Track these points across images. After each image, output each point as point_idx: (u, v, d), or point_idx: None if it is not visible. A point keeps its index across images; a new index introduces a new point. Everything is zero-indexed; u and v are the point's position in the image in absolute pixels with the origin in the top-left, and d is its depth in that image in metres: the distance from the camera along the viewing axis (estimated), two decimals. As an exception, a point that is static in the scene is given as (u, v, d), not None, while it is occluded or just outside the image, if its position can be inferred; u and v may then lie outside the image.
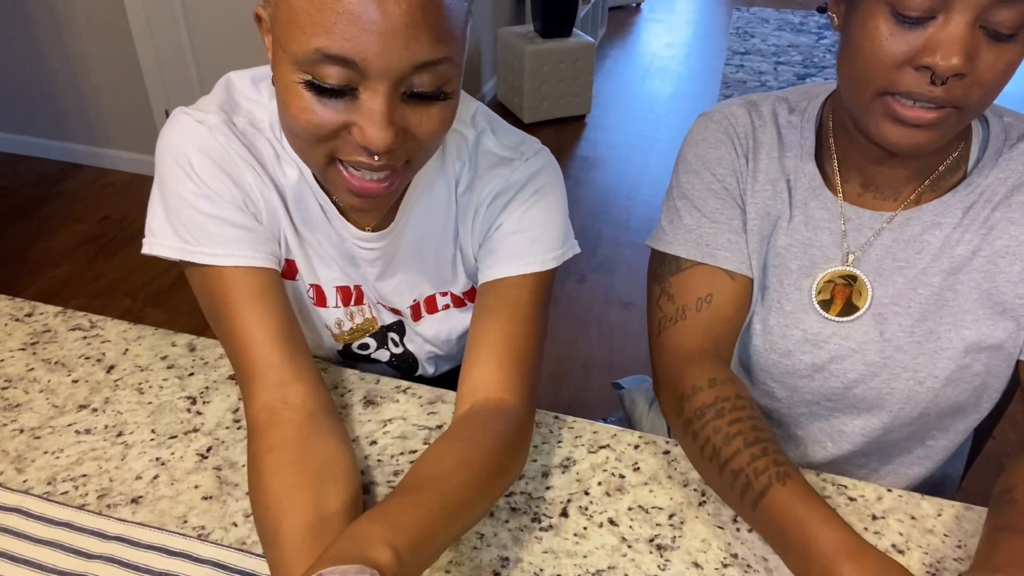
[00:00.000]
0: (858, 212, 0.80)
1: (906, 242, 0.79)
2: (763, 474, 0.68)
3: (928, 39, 0.65)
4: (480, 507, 0.66)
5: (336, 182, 0.68)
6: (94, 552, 0.71)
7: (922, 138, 0.69)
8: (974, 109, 0.68)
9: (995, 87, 0.67)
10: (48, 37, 2.88)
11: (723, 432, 0.72)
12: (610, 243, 2.79)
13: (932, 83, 0.66)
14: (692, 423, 0.76)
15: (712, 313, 0.82)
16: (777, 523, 0.66)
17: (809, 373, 0.83)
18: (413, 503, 0.60)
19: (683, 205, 0.85)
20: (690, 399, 0.77)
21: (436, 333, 0.94)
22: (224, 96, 0.78)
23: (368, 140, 0.62)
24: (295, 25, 0.59)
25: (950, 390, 0.79)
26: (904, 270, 0.79)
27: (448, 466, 0.65)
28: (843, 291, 0.80)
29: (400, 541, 0.55)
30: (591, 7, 4.30)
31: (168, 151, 0.75)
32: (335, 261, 0.85)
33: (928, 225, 0.78)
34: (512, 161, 0.81)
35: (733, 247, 0.83)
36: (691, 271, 0.83)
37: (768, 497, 0.67)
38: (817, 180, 0.81)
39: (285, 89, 0.63)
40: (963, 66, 0.64)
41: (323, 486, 0.66)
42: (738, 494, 0.70)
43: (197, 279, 0.76)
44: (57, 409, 0.86)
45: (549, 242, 0.81)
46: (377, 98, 0.61)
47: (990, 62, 0.65)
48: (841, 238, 0.80)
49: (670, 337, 0.83)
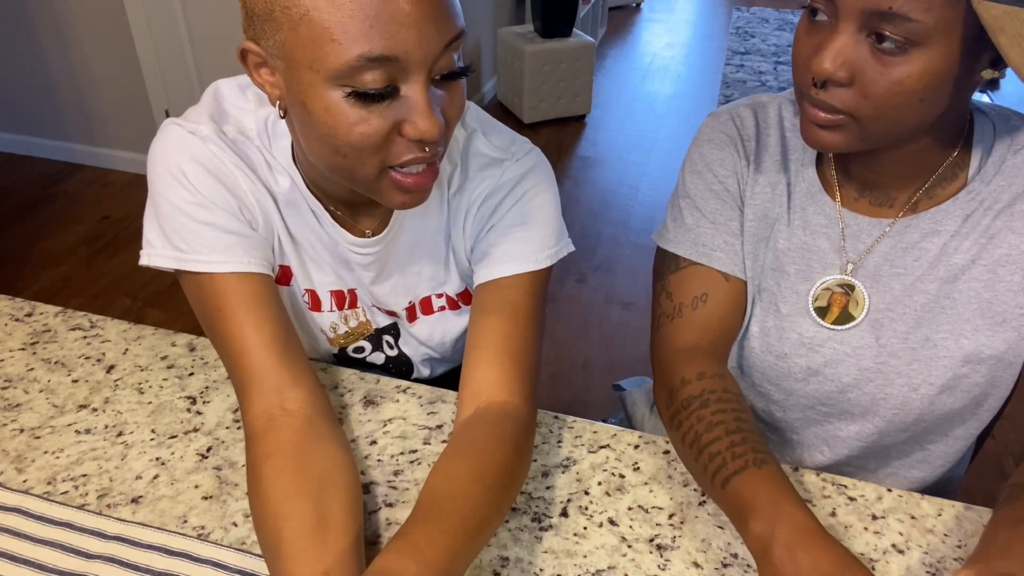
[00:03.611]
0: (856, 218, 0.80)
1: (904, 249, 0.78)
2: (740, 457, 0.69)
3: (820, 41, 0.66)
4: (497, 522, 0.67)
5: (387, 189, 0.68)
6: (94, 552, 0.71)
7: (828, 139, 0.70)
8: (873, 121, 0.67)
9: (887, 102, 0.65)
10: (48, 37, 2.88)
11: (706, 421, 0.73)
12: (610, 243, 2.79)
13: (814, 85, 0.67)
14: (679, 414, 0.76)
15: (707, 312, 0.83)
16: (747, 500, 0.65)
17: (804, 377, 0.83)
18: (438, 531, 0.60)
19: (686, 204, 0.86)
20: (678, 392, 0.77)
21: (430, 335, 0.94)
22: (213, 105, 0.78)
23: (423, 132, 0.62)
24: (327, 40, 0.58)
25: (946, 397, 0.79)
26: (901, 276, 0.78)
27: (463, 482, 0.65)
28: (840, 299, 0.80)
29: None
30: (591, 7, 4.30)
31: (160, 162, 0.75)
32: (329, 265, 0.85)
33: (926, 232, 0.77)
34: (502, 162, 0.81)
35: (729, 249, 0.84)
36: (688, 270, 0.84)
37: (743, 475, 0.67)
38: (816, 185, 0.82)
39: (326, 112, 0.61)
40: (836, 73, 0.64)
41: (323, 492, 0.66)
42: (711, 473, 0.70)
43: (192, 287, 0.76)
44: (57, 409, 0.86)
45: (542, 241, 0.81)
46: (419, 88, 0.62)
47: (875, 76, 0.64)
48: (840, 244, 0.80)
49: (667, 333, 0.84)
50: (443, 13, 0.60)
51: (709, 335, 0.82)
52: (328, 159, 0.66)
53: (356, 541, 0.64)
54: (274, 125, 0.78)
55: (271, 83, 0.66)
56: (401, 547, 0.58)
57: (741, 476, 0.67)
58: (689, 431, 0.74)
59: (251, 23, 0.63)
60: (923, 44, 0.62)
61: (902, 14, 0.60)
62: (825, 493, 0.78)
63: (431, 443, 0.82)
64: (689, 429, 0.74)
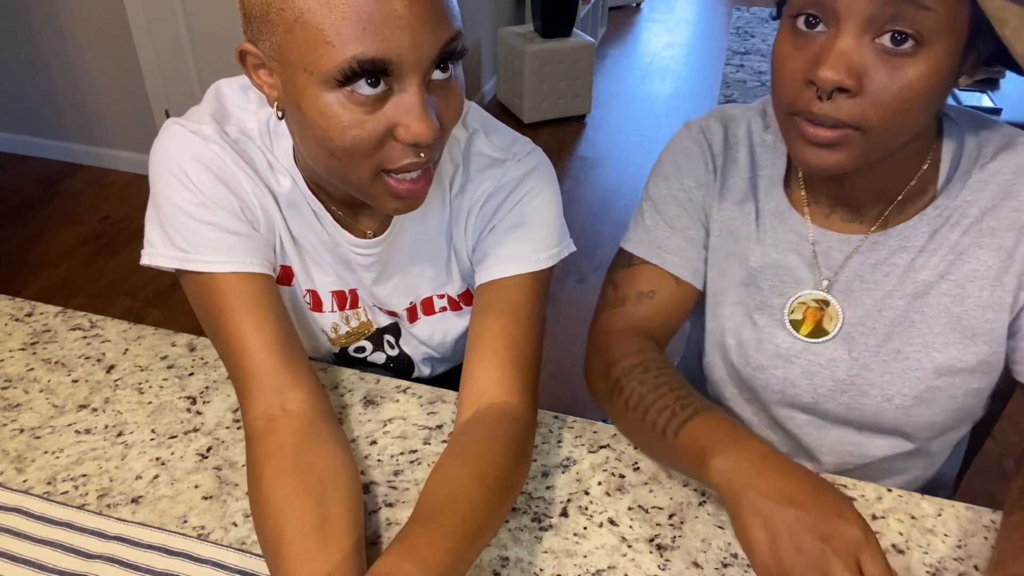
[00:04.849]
0: (827, 235, 0.79)
1: (873, 266, 0.77)
2: (689, 407, 0.69)
3: (818, 52, 0.62)
4: (497, 524, 0.67)
5: (381, 194, 0.68)
6: (94, 552, 0.71)
7: (831, 160, 0.65)
8: (879, 131, 0.63)
9: (896, 108, 0.61)
10: (48, 37, 2.88)
11: (649, 383, 0.73)
12: (610, 243, 2.79)
13: (819, 98, 0.62)
14: (619, 382, 0.77)
15: (652, 307, 0.84)
16: (705, 440, 0.65)
17: (782, 388, 0.84)
18: (439, 534, 0.60)
19: (647, 207, 0.87)
20: (617, 364, 0.78)
21: (431, 335, 0.94)
22: (215, 105, 0.78)
23: (416, 135, 0.62)
24: (321, 42, 0.58)
25: (923, 409, 0.78)
26: (871, 291, 0.78)
27: (464, 484, 0.65)
28: (815, 314, 0.80)
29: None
30: (591, 7, 4.30)
31: (162, 162, 0.75)
32: (330, 266, 0.85)
33: (895, 249, 0.76)
34: (504, 162, 0.81)
35: (683, 254, 0.84)
36: (639, 267, 0.85)
37: (695, 420, 0.67)
38: (784, 204, 0.81)
39: (320, 114, 0.61)
40: (845, 81, 0.60)
41: (324, 493, 0.66)
42: (661, 428, 0.70)
43: (193, 287, 0.76)
44: (57, 409, 0.86)
45: (543, 241, 0.81)
46: (413, 91, 0.61)
47: (884, 80, 0.60)
48: (812, 261, 0.80)
49: (606, 319, 0.85)
50: (438, 16, 0.60)
51: (648, 326, 0.83)
52: (323, 161, 0.66)
53: (357, 542, 0.64)
54: (276, 125, 0.78)
55: (269, 84, 0.66)
56: (402, 550, 0.58)
57: (693, 421, 0.67)
58: (632, 394, 0.74)
59: (249, 25, 0.63)
60: (931, 42, 0.59)
61: (919, 2, 0.57)
62: (825, 493, 0.78)
63: (431, 443, 0.82)
64: (632, 392, 0.74)
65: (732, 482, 0.62)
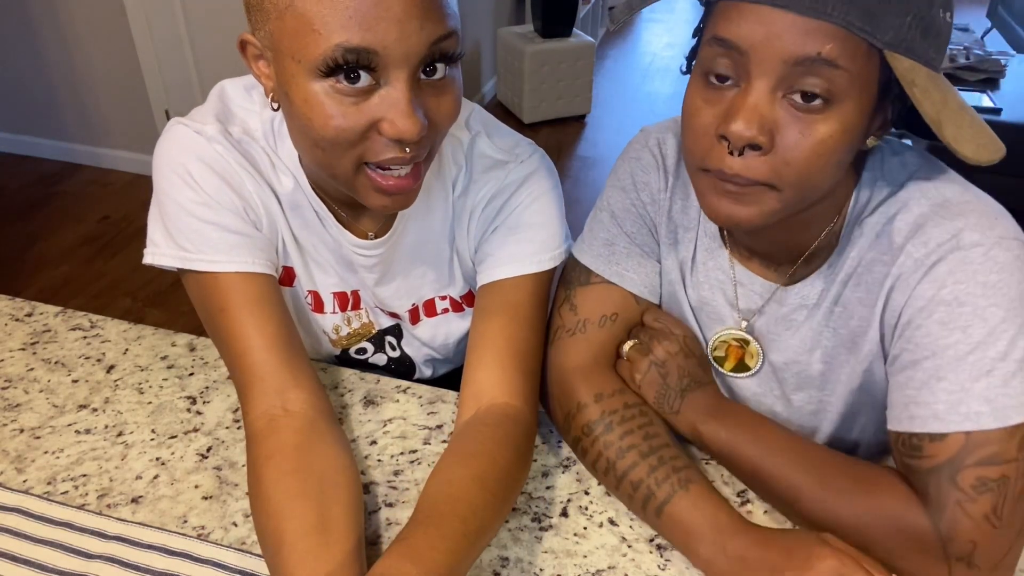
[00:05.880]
0: (750, 276, 0.78)
1: (777, 320, 0.77)
2: (664, 483, 0.70)
3: (728, 106, 0.60)
4: (498, 525, 0.67)
5: (365, 188, 0.67)
6: (94, 552, 0.71)
7: (743, 214, 0.63)
8: (794, 189, 0.61)
9: (808, 165, 0.59)
10: (48, 37, 2.88)
11: (615, 447, 0.74)
12: (610, 243, 2.79)
13: (730, 153, 0.60)
14: (581, 440, 0.77)
15: (615, 331, 0.81)
16: (686, 527, 0.68)
17: (739, 401, 0.84)
18: (439, 536, 0.60)
19: (605, 217, 0.83)
20: (575, 417, 0.77)
21: (433, 337, 0.94)
22: (219, 105, 0.78)
23: (400, 131, 0.61)
24: (308, 30, 0.59)
25: (859, 417, 0.79)
26: (780, 342, 0.78)
27: (464, 486, 0.65)
28: (736, 351, 0.80)
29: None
30: (591, 7, 4.31)
31: (166, 162, 0.75)
32: (332, 267, 0.85)
33: (794, 307, 0.76)
34: (506, 164, 0.81)
35: (641, 271, 0.82)
36: (600, 287, 0.81)
37: (673, 502, 0.69)
38: (717, 241, 0.80)
39: (305, 103, 0.62)
40: (757, 137, 0.58)
41: (325, 493, 0.66)
42: (640, 504, 0.72)
43: (195, 287, 0.76)
44: (57, 409, 0.86)
45: (545, 242, 0.81)
46: (400, 86, 0.61)
47: (795, 137, 0.58)
48: (734, 300, 0.79)
49: (562, 349, 0.81)
50: (430, 11, 0.60)
51: (608, 352, 0.81)
52: (309, 152, 0.67)
53: (357, 543, 0.64)
54: (280, 126, 0.78)
55: (266, 75, 0.67)
56: (402, 551, 0.58)
57: (672, 504, 0.69)
58: (599, 458, 0.75)
59: (248, 14, 0.65)
60: (842, 99, 0.58)
61: (831, 59, 0.55)
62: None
63: (431, 443, 0.82)
64: (598, 456, 0.75)
65: (719, 569, 0.66)
